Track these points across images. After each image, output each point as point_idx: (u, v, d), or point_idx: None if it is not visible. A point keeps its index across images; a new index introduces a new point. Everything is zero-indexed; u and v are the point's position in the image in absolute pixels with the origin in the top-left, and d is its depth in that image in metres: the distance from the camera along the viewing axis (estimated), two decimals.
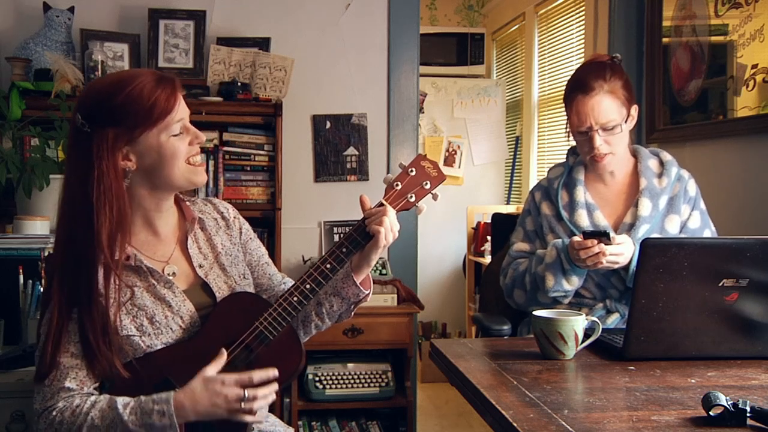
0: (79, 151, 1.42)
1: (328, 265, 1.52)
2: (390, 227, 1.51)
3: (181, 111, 1.47)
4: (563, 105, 2.10)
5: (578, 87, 2.00)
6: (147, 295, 1.47)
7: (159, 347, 1.45)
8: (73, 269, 1.41)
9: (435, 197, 1.58)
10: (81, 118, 1.41)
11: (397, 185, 1.55)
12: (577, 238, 1.88)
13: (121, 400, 1.37)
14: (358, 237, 1.53)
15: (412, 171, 1.56)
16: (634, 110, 2.02)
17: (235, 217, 1.68)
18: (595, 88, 1.96)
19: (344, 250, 1.53)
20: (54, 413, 1.37)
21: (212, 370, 1.40)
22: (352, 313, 1.65)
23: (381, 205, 1.54)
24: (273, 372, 1.42)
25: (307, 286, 1.51)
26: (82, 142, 1.42)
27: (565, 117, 2.08)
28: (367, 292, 1.60)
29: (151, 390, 1.39)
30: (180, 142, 1.46)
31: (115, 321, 1.41)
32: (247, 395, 1.37)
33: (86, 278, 1.40)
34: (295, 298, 1.50)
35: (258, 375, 1.40)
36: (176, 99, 1.45)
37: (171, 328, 1.47)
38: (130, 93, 1.40)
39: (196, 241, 1.59)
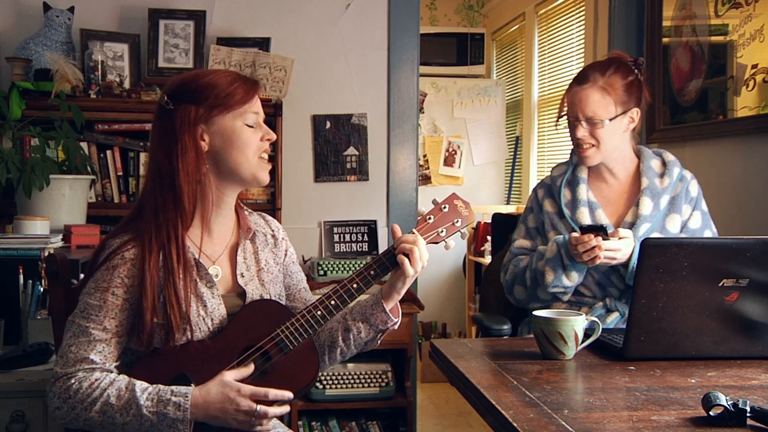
0: (163, 128, 1.50)
1: (355, 285, 1.55)
2: (419, 257, 1.54)
3: (257, 106, 1.54)
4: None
5: (576, 78, 2.05)
6: (187, 289, 1.49)
7: (183, 342, 1.46)
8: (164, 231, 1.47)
9: (464, 236, 1.63)
10: (166, 97, 1.50)
11: (429, 219, 1.59)
12: (575, 234, 1.89)
13: (139, 384, 1.39)
14: (386, 262, 1.56)
15: (445, 207, 1.60)
16: (636, 113, 2.01)
17: (283, 239, 1.71)
18: (588, 81, 1.99)
19: (372, 272, 1.56)
20: (72, 381, 1.40)
21: (232, 375, 1.42)
22: (379, 342, 1.66)
23: (412, 233, 1.57)
24: (288, 395, 1.44)
25: (332, 302, 1.54)
26: (165, 119, 1.50)
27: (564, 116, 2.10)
28: (395, 321, 1.61)
29: (168, 382, 1.41)
30: (253, 134, 1.53)
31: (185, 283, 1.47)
32: (258, 410, 1.39)
33: (176, 240, 1.47)
34: (319, 312, 1.53)
35: (273, 393, 1.41)
36: (254, 94, 1.54)
37: (200, 328, 1.48)
38: (213, 78, 1.51)
39: (244, 251, 1.61)
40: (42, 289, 2.07)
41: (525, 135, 5.05)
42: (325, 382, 2.95)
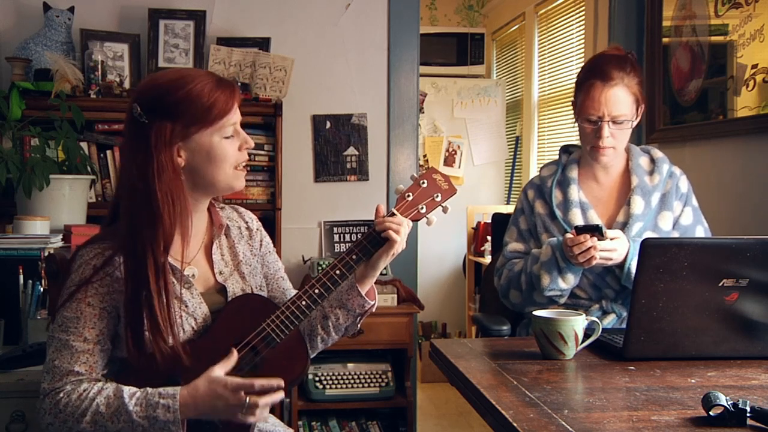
0: (137, 142, 1.44)
1: (338, 271, 1.53)
2: (404, 237, 1.54)
3: (236, 115, 1.50)
4: (571, 96, 2.08)
5: (597, 74, 1.96)
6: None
7: (169, 345, 1.45)
8: (135, 260, 1.42)
9: (445, 210, 1.60)
10: (139, 109, 1.43)
11: (408, 196, 1.57)
12: (570, 235, 1.88)
13: (127, 390, 1.38)
14: (368, 245, 1.54)
15: (423, 183, 1.58)
16: (641, 111, 2.01)
17: (257, 229, 1.70)
18: (614, 79, 1.94)
19: (354, 257, 1.54)
20: (61, 395, 1.39)
21: (220, 370, 1.40)
22: (359, 326, 1.65)
23: (392, 214, 1.55)
24: (278, 381, 1.41)
25: (316, 291, 1.52)
26: (139, 133, 1.43)
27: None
28: (372, 303, 1.61)
29: (158, 386, 1.40)
30: (230, 145, 1.49)
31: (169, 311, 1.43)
32: (248, 402, 1.37)
33: (144, 276, 1.40)
34: (303, 303, 1.51)
35: (260, 383, 1.38)
36: (233, 102, 1.48)
37: (183, 329, 1.48)
38: (191, 90, 1.43)
39: (220, 248, 1.60)
40: (42, 289, 2.07)
41: (525, 135, 5.05)
42: (325, 382, 2.95)
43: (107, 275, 1.44)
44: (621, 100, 1.94)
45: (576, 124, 2.07)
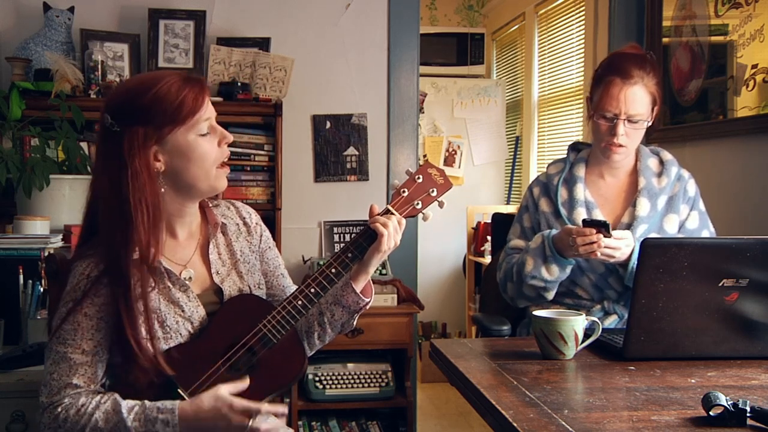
0: (110, 151, 1.42)
1: (333, 270, 1.52)
2: (393, 232, 1.51)
3: (209, 111, 1.48)
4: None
5: (617, 70, 1.94)
6: (161, 298, 1.47)
7: (165, 348, 1.44)
8: (112, 269, 1.40)
9: (441, 205, 1.58)
10: (110, 118, 1.42)
11: (403, 192, 1.55)
12: (570, 226, 1.88)
13: (125, 404, 1.37)
14: (363, 242, 1.53)
15: (419, 178, 1.56)
16: (656, 111, 2.00)
17: (257, 224, 1.67)
18: (634, 77, 1.92)
19: (349, 255, 1.53)
20: (59, 409, 1.38)
21: (227, 389, 1.39)
22: (354, 323, 1.64)
23: (387, 211, 1.55)
24: (282, 409, 1.41)
25: (312, 290, 1.51)
26: (111, 141, 1.42)
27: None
28: (367, 300, 1.60)
29: (154, 389, 1.40)
30: (209, 143, 1.47)
31: (148, 319, 1.42)
32: (250, 426, 1.36)
33: (124, 281, 1.39)
34: (300, 302, 1.50)
35: (266, 408, 1.38)
36: (204, 98, 1.46)
37: (180, 333, 1.47)
38: (158, 91, 1.41)
39: (217, 247, 1.59)
40: (42, 289, 2.07)
41: (525, 135, 5.05)
42: (325, 382, 2.95)
43: (103, 285, 1.43)
44: (639, 99, 1.93)
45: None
